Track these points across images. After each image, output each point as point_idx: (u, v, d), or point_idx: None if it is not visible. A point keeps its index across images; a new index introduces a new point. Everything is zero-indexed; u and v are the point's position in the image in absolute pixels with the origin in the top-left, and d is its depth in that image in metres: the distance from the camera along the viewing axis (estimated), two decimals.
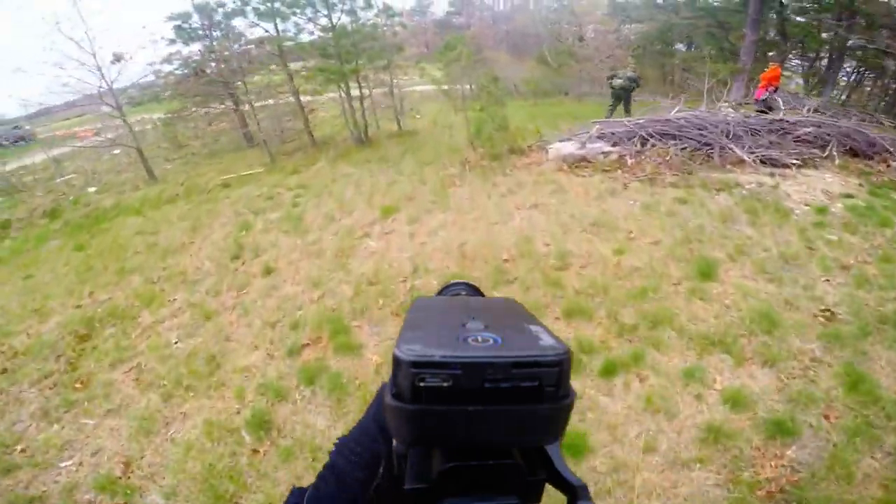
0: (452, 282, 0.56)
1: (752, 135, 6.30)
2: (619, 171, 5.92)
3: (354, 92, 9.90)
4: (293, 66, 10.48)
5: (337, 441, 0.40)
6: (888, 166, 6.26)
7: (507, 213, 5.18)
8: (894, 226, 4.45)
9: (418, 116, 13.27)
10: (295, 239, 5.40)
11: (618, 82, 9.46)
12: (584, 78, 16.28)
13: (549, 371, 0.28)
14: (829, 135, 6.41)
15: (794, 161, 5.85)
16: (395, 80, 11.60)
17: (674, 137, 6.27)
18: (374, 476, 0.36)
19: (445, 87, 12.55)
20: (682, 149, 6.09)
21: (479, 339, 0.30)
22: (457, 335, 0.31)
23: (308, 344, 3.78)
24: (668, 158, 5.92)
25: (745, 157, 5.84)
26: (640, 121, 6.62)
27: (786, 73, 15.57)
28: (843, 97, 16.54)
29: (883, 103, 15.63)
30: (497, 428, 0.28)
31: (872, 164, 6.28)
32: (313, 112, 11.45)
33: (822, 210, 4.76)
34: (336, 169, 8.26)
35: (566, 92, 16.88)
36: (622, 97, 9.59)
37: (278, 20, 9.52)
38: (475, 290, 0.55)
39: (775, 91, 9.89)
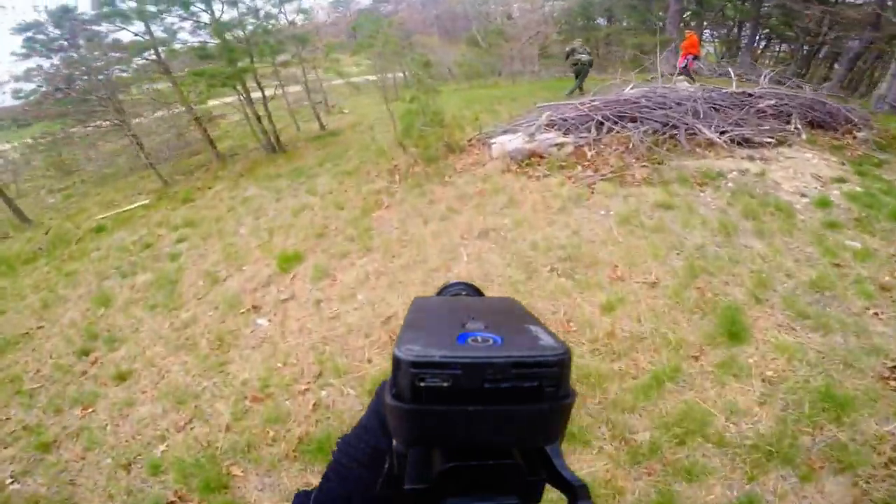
0: (452, 282, 0.54)
1: (715, 111, 5.40)
2: (580, 168, 4.69)
3: (260, 94, 8.08)
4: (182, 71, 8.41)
5: (339, 440, 0.40)
6: (854, 138, 5.63)
7: (450, 250, 3.75)
8: None
9: (346, 112, 11.59)
10: (163, 319, 3.72)
11: (585, 58, 8.53)
12: (515, 56, 15.28)
13: (548, 371, 0.27)
14: (791, 106, 5.66)
15: (768, 139, 4.99)
16: (312, 75, 9.83)
17: (633, 119, 5.19)
18: (380, 471, 0.35)
19: (372, 77, 11.00)
20: (645, 132, 5.05)
21: (479, 339, 0.29)
22: (457, 335, 0.30)
23: (174, 503, 2.37)
24: (630, 146, 4.85)
25: (716, 139, 4.89)
26: (595, 102, 5.48)
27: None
28: (755, 62, 16.87)
29: (792, 66, 16.13)
30: (497, 428, 0.28)
31: (838, 136, 5.60)
32: (213, 121, 9.44)
33: (824, 203, 3.80)
34: (237, 190, 6.48)
35: (499, 72, 15.95)
36: (584, 72, 8.68)
37: (148, 20, 7.40)
38: (475, 291, 0.52)
39: (695, 59, 9.44)
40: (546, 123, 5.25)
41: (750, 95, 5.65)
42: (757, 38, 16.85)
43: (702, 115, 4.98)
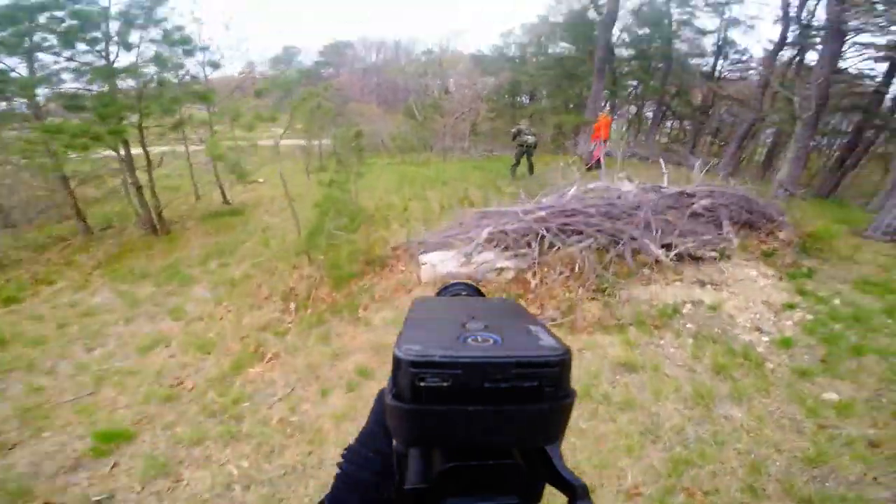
0: (452, 282, 0.53)
1: (653, 213, 5.17)
2: (522, 302, 4.13)
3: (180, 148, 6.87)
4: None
5: (344, 452, 0.39)
6: (778, 239, 5.70)
7: None
8: (866, 350, 3.43)
9: (260, 181, 10.46)
10: None
11: (530, 139, 8.50)
12: (448, 132, 15.43)
13: (549, 371, 0.27)
14: (722, 205, 5.62)
15: (711, 253, 4.78)
16: (211, 137, 8.72)
17: (579, 232, 4.76)
18: (388, 477, 0.34)
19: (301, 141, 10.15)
20: (589, 247, 4.60)
21: (479, 339, 0.29)
22: (457, 335, 0.30)
23: None
24: (576, 268, 4.34)
25: (661, 256, 4.57)
26: (541, 211, 5.03)
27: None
28: (662, 139, 18.69)
29: (688, 142, 17.91)
30: (497, 428, 0.27)
31: (764, 238, 5.63)
32: (102, 178, 7.72)
33: (786, 343, 3.38)
34: (84, 293, 5.07)
35: (431, 147, 15.96)
36: (526, 154, 8.65)
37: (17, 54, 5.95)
38: (475, 291, 0.52)
39: (604, 143, 9.36)
40: (486, 237, 4.62)
41: (689, 195, 5.53)
42: (660, 115, 18.66)
43: (652, 227, 4.64)
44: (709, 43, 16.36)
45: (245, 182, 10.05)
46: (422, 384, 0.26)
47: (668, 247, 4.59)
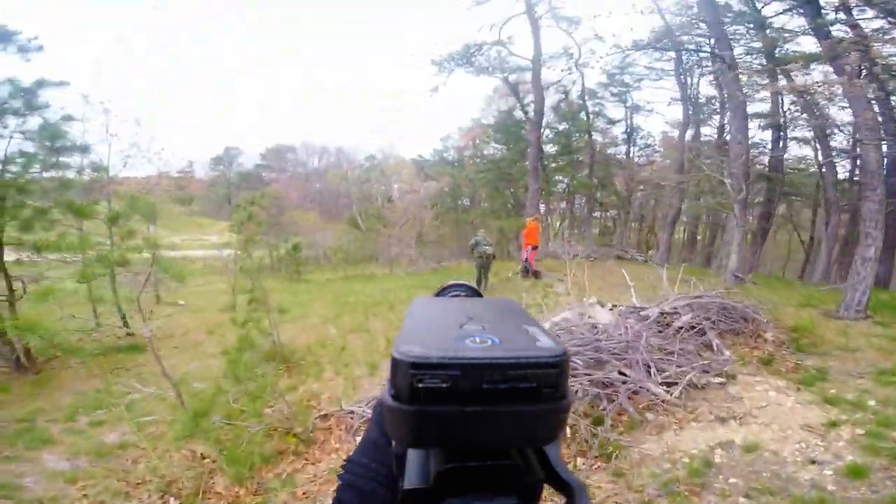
0: (451, 282, 0.52)
1: (647, 351, 4.25)
2: None
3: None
4: None
5: (345, 463, 0.38)
6: (764, 339, 5.09)
7: None
8: None
9: (180, 304, 8.75)
10: None
11: (488, 250, 8.07)
12: (393, 242, 14.81)
13: (546, 372, 0.27)
14: (706, 319, 4.97)
15: (717, 379, 3.92)
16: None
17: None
18: (393, 486, 0.34)
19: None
20: (579, 398, 3.51)
21: (478, 340, 0.29)
22: (455, 336, 0.30)
23: None
24: (569, 432, 3.21)
25: (665, 395, 3.61)
26: None
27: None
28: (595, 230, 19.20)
29: (617, 232, 18.54)
30: (495, 429, 0.27)
31: (749, 341, 4.99)
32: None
33: (857, 472, 2.66)
34: None
35: (377, 258, 15.13)
36: (487, 266, 8.13)
37: None
38: (474, 292, 0.51)
39: (534, 250, 8.78)
40: None
41: (669, 314, 4.83)
42: (592, 208, 19.38)
43: (649, 365, 3.72)
44: (619, 131, 18.09)
45: (169, 302, 8.48)
46: (420, 385, 0.26)
47: (667, 383, 3.66)
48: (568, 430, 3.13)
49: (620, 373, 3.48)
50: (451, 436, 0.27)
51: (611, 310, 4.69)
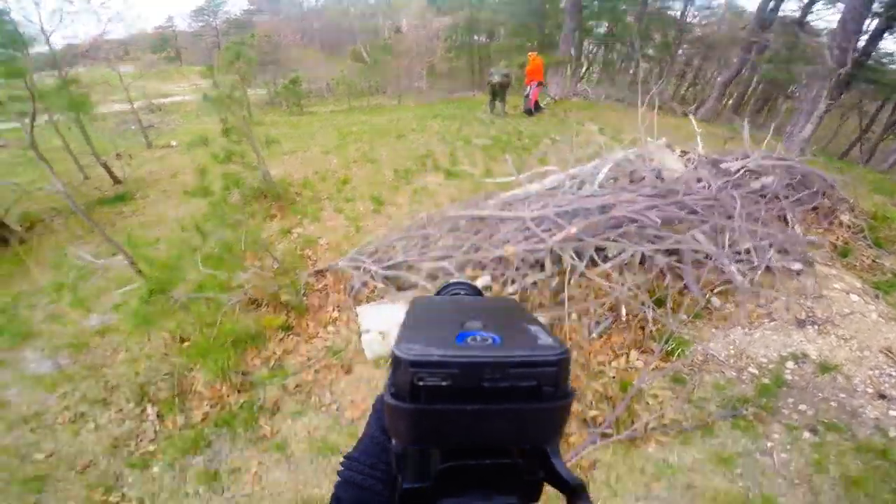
0: (451, 281, 0.48)
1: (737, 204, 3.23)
2: None
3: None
4: None
5: (343, 460, 0.36)
6: (841, 225, 4.16)
7: None
8: None
9: (173, 145, 7.82)
10: None
11: (495, 79, 8.04)
12: (402, 74, 12.82)
13: (547, 371, 0.26)
14: (790, 186, 3.91)
15: (797, 266, 3.10)
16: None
17: (619, 237, 2.76)
18: (394, 484, 0.31)
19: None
20: (636, 272, 2.72)
21: (478, 338, 0.28)
22: (455, 335, 0.28)
23: None
24: (625, 317, 2.51)
25: (737, 275, 2.84)
26: (561, 207, 2.91)
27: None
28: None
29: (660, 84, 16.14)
30: (495, 427, 0.26)
31: (828, 226, 4.06)
32: None
33: None
34: None
35: (384, 90, 13.39)
36: (499, 93, 8.20)
37: None
38: (474, 290, 0.47)
39: (540, 85, 8.40)
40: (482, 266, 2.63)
41: (749, 170, 3.74)
42: (636, 58, 16.41)
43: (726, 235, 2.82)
44: None
45: (161, 145, 7.74)
46: (421, 383, 0.25)
47: (739, 262, 2.84)
48: (623, 311, 2.42)
49: (703, 253, 2.61)
50: (451, 434, 0.26)
51: (680, 156, 3.59)
